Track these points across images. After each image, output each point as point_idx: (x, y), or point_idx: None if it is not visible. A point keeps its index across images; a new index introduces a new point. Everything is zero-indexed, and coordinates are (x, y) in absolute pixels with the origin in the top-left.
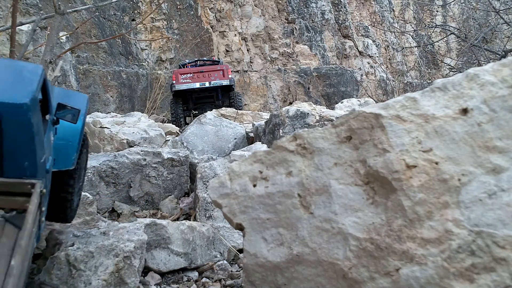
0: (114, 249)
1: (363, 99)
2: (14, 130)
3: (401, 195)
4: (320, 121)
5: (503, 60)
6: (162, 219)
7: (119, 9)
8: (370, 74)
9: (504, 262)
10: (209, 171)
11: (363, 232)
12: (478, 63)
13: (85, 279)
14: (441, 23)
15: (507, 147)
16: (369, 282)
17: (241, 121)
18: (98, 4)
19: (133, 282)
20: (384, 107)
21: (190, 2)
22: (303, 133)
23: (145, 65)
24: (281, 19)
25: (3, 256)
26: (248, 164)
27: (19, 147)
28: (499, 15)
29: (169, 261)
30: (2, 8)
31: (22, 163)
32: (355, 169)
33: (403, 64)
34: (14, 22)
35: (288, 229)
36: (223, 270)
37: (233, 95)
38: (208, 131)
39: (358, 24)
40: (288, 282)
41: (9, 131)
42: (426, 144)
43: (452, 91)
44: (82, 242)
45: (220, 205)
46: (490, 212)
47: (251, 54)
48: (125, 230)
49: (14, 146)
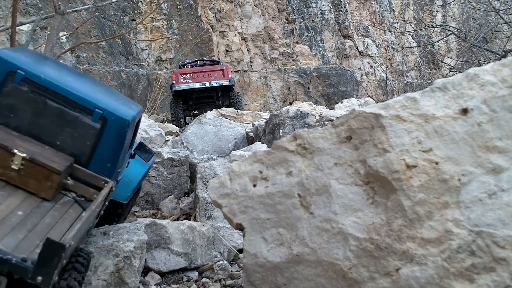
0: (114, 249)
1: (363, 99)
2: (111, 136)
3: (401, 195)
4: (320, 121)
5: (503, 60)
6: (162, 219)
7: (119, 9)
8: (370, 74)
9: (504, 262)
10: (209, 171)
11: (363, 232)
12: (478, 63)
13: (85, 279)
14: (441, 23)
15: (507, 147)
16: (369, 282)
17: (241, 121)
18: (98, 4)
19: (133, 282)
20: (384, 107)
21: (190, 2)
22: (303, 133)
23: (145, 65)
24: (281, 19)
25: (68, 219)
26: (248, 164)
27: (109, 151)
28: (499, 15)
29: (169, 261)
30: (2, 8)
31: (105, 164)
32: (355, 169)
33: (403, 64)
34: (14, 22)
35: (288, 229)
36: (223, 270)
37: (233, 95)
38: (208, 131)
39: (358, 24)
40: (288, 282)
41: (108, 135)
42: (426, 144)
43: (452, 91)
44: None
45: (220, 205)
46: (490, 212)
47: (251, 54)
48: (125, 230)
49: (106, 148)
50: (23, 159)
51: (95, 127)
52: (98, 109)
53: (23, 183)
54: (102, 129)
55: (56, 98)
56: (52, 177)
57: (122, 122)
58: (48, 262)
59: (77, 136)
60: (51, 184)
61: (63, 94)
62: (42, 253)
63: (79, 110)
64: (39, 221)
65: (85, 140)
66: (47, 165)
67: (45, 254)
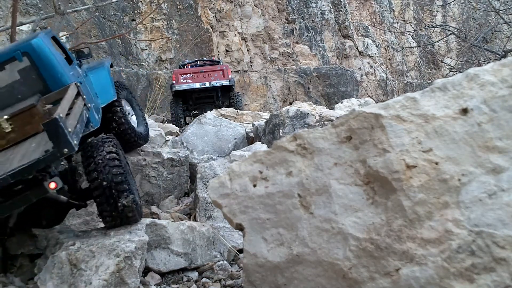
0: (115, 249)
1: (363, 99)
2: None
3: (401, 195)
4: (320, 121)
5: (503, 60)
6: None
7: (119, 9)
8: (370, 74)
9: (504, 262)
10: (209, 171)
11: (363, 232)
12: (478, 63)
13: (85, 279)
14: (441, 23)
15: (507, 147)
16: (369, 282)
17: (241, 121)
18: (98, 4)
19: (133, 283)
20: (384, 107)
21: (190, 2)
22: (303, 133)
23: (145, 65)
24: (281, 19)
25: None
26: (248, 164)
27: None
28: (499, 15)
29: (169, 261)
30: (2, 8)
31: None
32: (355, 169)
33: (403, 64)
34: (14, 22)
35: (288, 229)
36: (223, 270)
37: (233, 95)
38: (208, 131)
39: (358, 24)
40: (288, 282)
41: (38, 59)
42: (426, 144)
43: (452, 91)
44: (83, 241)
45: (220, 205)
46: (490, 212)
47: (251, 54)
48: (126, 230)
49: (47, 67)
50: (7, 120)
51: (26, 64)
52: (16, 51)
53: (24, 134)
54: (31, 60)
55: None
56: (33, 111)
57: (38, 44)
58: (57, 137)
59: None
60: (39, 117)
61: None
62: (50, 135)
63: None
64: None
65: (29, 80)
66: (23, 109)
67: (51, 135)
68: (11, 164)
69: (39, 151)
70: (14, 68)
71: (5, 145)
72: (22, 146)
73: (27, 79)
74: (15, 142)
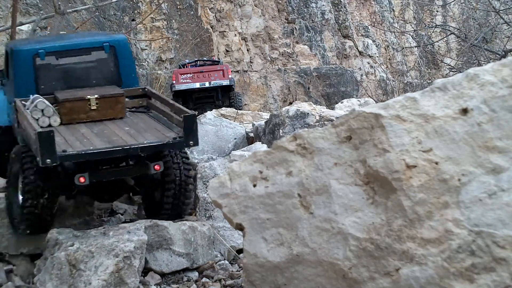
0: (114, 249)
1: (363, 99)
2: (124, 55)
3: (401, 195)
4: (320, 121)
5: (503, 60)
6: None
7: (119, 9)
8: (370, 74)
9: (504, 262)
10: (209, 171)
11: (363, 232)
12: (478, 63)
13: (85, 279)
14: (441, 23)
15: (507, 147)
16: (369, 282)
17: (241, 121)
18: (98, 4)
19: (133, 282)
20: (384, 107)
21: (190, 2)
22: (303, 133)
23: (145, 65)
24: (281, 19)
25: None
26: (248, 164)
27: (129, 66)
28: (499, 15)
29: (172, 262)
30: (2, 8)
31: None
32: (355, 169)
33: (403, 64)
34: (14, 22)
35: (288, 229)
36: (224, 270)
37: (233, 95)
38: (208, 131)
39: (358, 24)
40: (288, 282)
41: (121, 56)
42: (426, 144)
43: (452, 91)
44: (82, 242)
45: (220, 205)
46: (490, 212)
47: (251, 54)
48: (125, 230)
49: (126, 66)
50: (96, 99)
51: (111, 56)
52: (105, 43)
53: (103, 115)
54: (115, 54)
55: (75, 54)
56: (120, 100)
57: (123, 41)
58: (190, 131)
59: (105, 68)
60: (121, 106)
61: (77, 48)
62: (186, 129)
63: (94, 51)
64: (141, 126)
65: (111, 69)
66: (113, 94)
67: (187, 128)
68: (137, 140)
69: (167, 136)
70: (98, 56)
71: (84, 119)
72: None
73: (107, 68)
74: (93, 120)
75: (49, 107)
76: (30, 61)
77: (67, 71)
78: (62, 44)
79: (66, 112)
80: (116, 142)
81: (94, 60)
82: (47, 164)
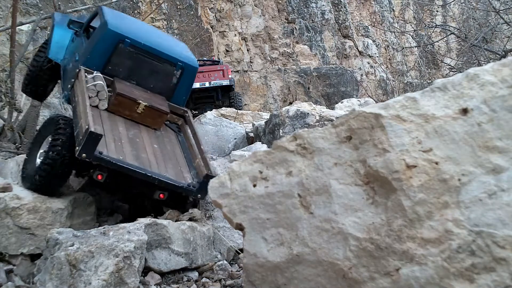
0: (114, 249)
1: (363, 99)
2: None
3: (401, 195)
4: (320, 121)
5: (503, 60)
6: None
7: (119, 9)
8: (370, 74)
9: (504, 262)
10: None
11: (363, 232)
12: (478, 63)
13: (85, 279)
14: (441, 23)
15: (507, 147)
16: (369, 282)
17: (241, 121)
18: (98, 4)
19: (133, 282)
20: (384, 107)
21: (190, 2)
22: (303, 133)
23: None
24: (281, 19)
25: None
26: (248, 164)
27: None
28: (499, 15)
29: (170, 261)
30: (2, 8)
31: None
32: (355, 169)
33: (403, 64)
34: (14, 22)
35: (288, 229)
36: (223, 270)
37: (233, 95)
38: (208, 131)
39: (358, 24)
40: (288, 282)
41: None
42: (426, 144)
43: (452, 91)
44: (82, 242)
45: (220, 205)
46: (490, 212)
47: (251, 54)
48: (125, 230)
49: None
50: (144, 106)
51: (177, 74)
52: (180, 63)
53: (143, 120)
54: (181, 75)
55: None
56: (162, 116)
57: (194, 70)
58: (204, 188)
59: (167, 81)
60: (161, 120)
61: (156, 54)
62: (202, 184)
63: (167, 64)
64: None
65: (170, 83)
66: (160, 109)
67: (203, 184)
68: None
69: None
70: (167, 68)
71: (127, 116)
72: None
73: (168, 81)
74: (133, 119)
75: (104, 91)
76: (114, 43)
77: (136, 65)
78: (148, 45)
79: (116, 103)
80: (142, 160)
81: (162, 69)
82: (82, 157)
